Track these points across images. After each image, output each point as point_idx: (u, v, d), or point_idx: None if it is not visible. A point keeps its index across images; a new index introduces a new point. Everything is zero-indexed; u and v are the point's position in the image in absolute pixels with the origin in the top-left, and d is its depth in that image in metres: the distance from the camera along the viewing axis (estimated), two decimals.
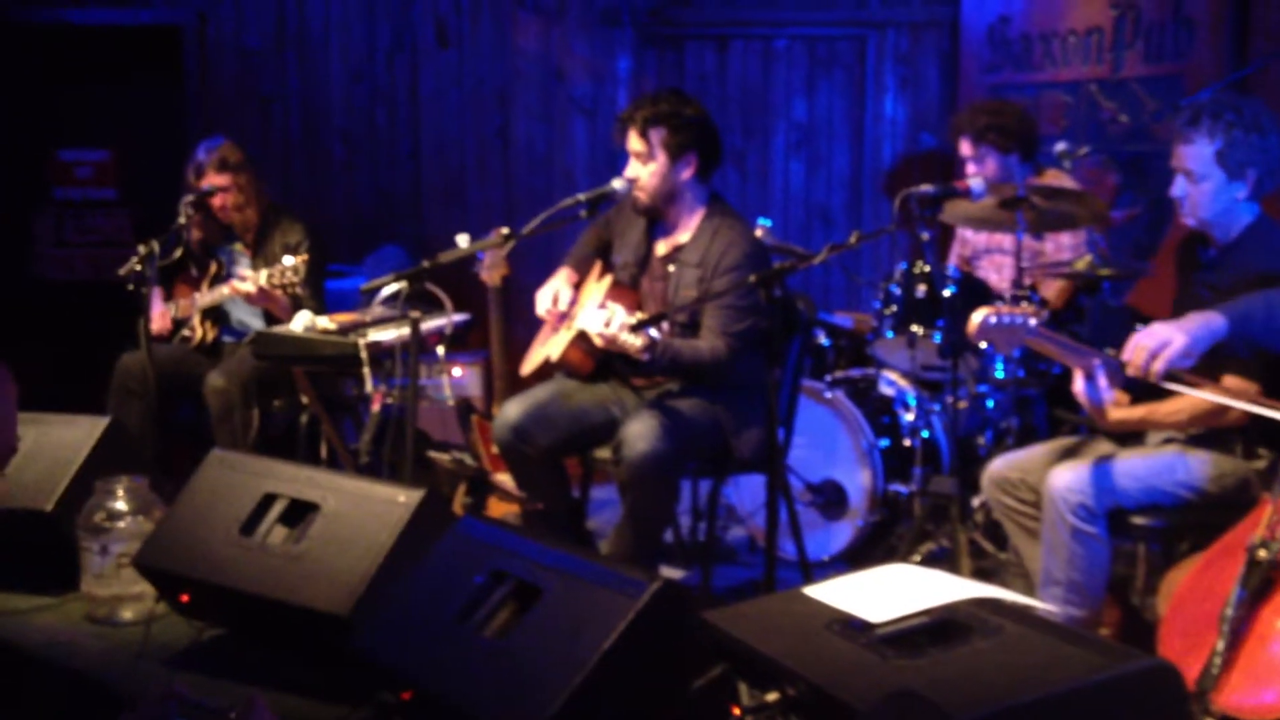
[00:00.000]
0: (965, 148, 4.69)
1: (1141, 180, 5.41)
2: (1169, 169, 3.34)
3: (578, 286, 4.08)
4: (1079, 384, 3.13)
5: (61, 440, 3.29)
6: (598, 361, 3.92)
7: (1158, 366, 2.92)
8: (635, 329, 3.43)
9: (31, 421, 3.28)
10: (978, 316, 3.06)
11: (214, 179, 4.69)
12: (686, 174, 3.88)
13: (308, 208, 5.98)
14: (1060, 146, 4.76)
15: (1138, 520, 3.27)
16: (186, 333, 4.82)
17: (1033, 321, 3.03)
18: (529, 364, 4.10)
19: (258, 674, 2.59)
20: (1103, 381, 3.07)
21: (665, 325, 3.68)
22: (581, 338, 3.81)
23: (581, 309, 3.94)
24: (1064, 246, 4.61)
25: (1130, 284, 4.73)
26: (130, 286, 4.40)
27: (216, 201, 4.72)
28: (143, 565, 2.86)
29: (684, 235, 3.93)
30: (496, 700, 2.15)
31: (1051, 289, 4.53)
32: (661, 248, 3.99)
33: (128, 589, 2.95)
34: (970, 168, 4.70)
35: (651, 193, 3.88)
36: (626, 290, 3.96)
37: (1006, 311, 3.05)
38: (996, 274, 4.78)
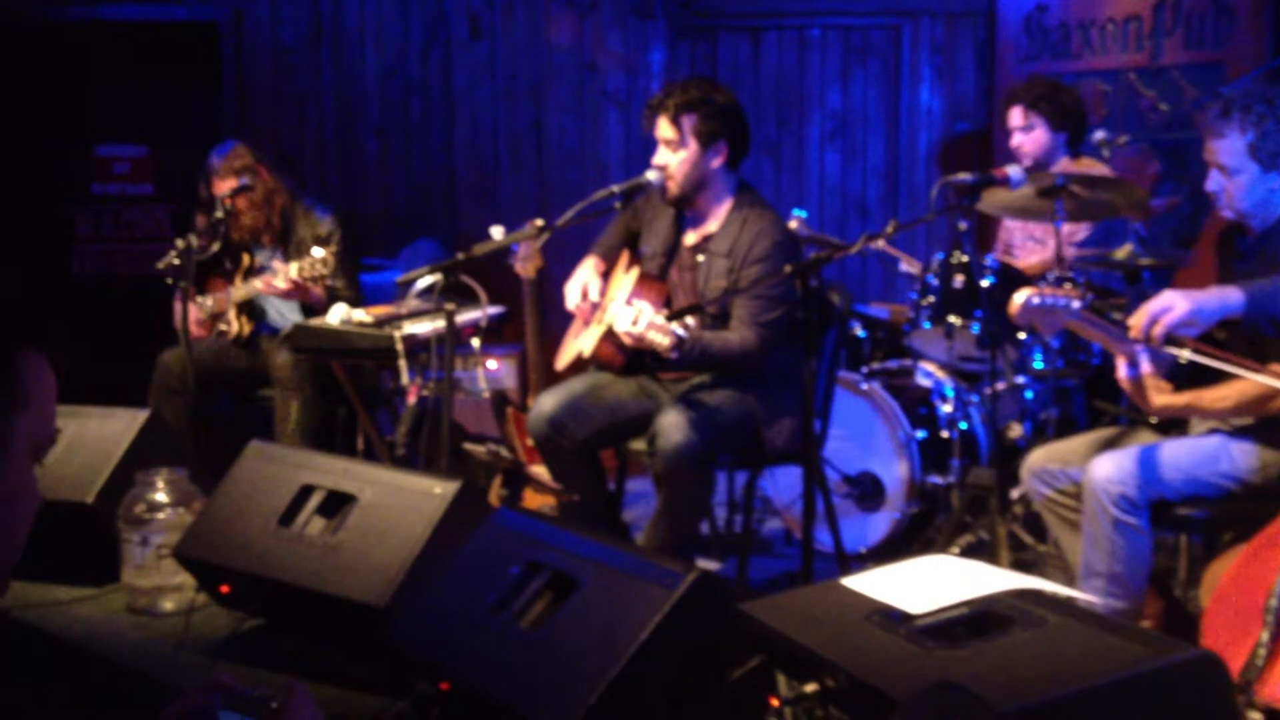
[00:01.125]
0: (1016, 116, 4.69)
1: (1182, 168, 5.35)
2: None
3: (606, 276, 4.07)
4: (1122, 370, 3.10)
5: (101, 433, 3.31)
6: (629, 356, 3.92)
7: (1157, 331, 2.91)
8: (668, 319, 3.42)
9: (71, 414, 3.30)
10: (1020, 297, 3.04)
11: (223, 185, 4.67)
12: (717, 162, 3.86)
13: (343, 202, 5.99)
14: (1099, 135, 4.72)
15: (1180, 511, 3.24)
16: (223, 327, 4.85)
17: (1075, 304, 3.01)
18: (563, 358, 4.10)
19: (296, 664, 2.60)
20: (1146, 367, 3.04)
21: (691, 318, 3.67)
22: (612, 333, 3.80)
23: (611, 302, 3.93)
24: (1078, 228, 4.60)
25: (1170, 273, 4.68)
26: (168, 280, 4.42)
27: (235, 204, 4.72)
28: (183, 556, 2.88)
29: (713, 225, 3.91)
30: (533, 691, 2.14)
31: (1033, 258, 4.59)
32: (690, 238, 3.97)
33: (168, 580, 2.97)
34: (1015, 138, 4.69)
35: (681, 181, 3.86)
36: (654, 282, 3.95)
37: (1049, 293, 3.03)
38: (1038, 259, 4.77)
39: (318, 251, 4.34)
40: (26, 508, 1.27)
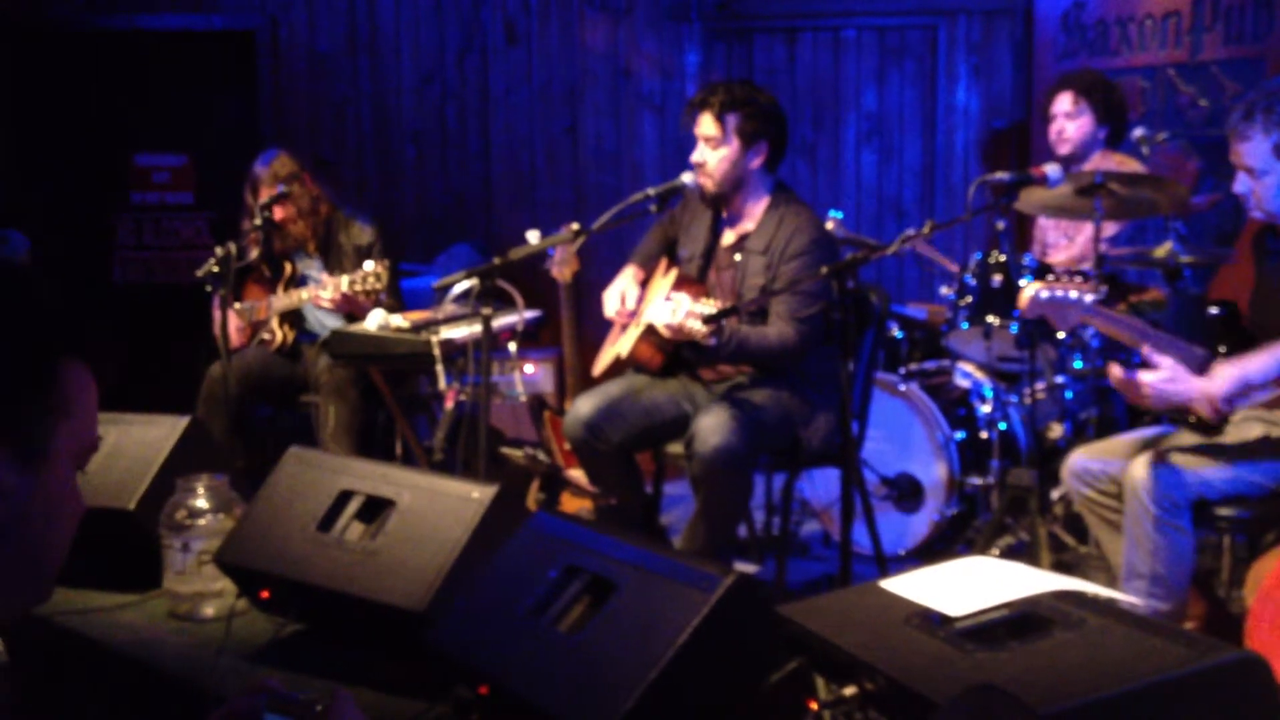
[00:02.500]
0: (1065, 101, 4.68)
1: (1223, 165, 5.29)
2: None
3: (644, 284, 4.08)
4: (1116, 371, 3.07)
5: (143, 440, 3.33)
6: (667, 355, 3.92)
7: (1223, 410, 2.98)
8: (705, 321, 3.42)
9: (113, 421, 3.33)
10: (1029, 291, 3.03)
11: (267, 193, 4.70)
12: (756, 162, 3.86)
13: (380, 208, 6.03)
14: (1138, 132, 4.69)
15: (1223, 511, 3.21)
16: (265, 336, 4.88)
17: (1089, 298, 2.99)
18: (600, 364, 4.11)
19: (337, 669, 2.61)
20: (1164, 361, 3.02)
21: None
22: (650, 332, 3.80)
23: (649, 305, 3.93)
24: (1109, 224, 4.58)
25: (1211, 271, 4.64)
26: (208, 288, 4.46)
27: (277, 214, 4.75)
28: (223, 562, 2.89)
29: (749, 224, 3.92)
30: (571, 695, 2.14)
31: (1060, 255, 4.56)
32: (728, 237, 3.98)
33: (209, 586, 2.98)
34: (1057, 123, 4.69)
35: (719, 179, 3.86)
36: (693, 283, 3.95)
37: (1059, 286, 3.01)
38: (1065, 256, 4.76)
39: (369, 265, 4.35)
40: (69, 515, 1.29)
